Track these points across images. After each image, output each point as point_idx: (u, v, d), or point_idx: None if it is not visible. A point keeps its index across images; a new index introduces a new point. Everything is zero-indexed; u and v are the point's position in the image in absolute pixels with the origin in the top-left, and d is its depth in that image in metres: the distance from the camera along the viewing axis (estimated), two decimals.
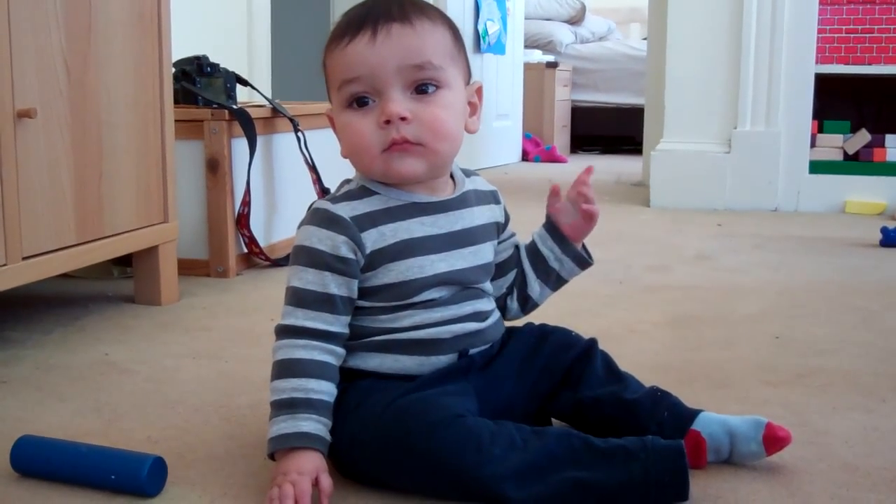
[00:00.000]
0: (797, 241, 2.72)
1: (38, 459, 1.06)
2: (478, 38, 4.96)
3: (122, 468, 1.01)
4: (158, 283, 1.87)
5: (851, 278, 2.20)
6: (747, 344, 1.62)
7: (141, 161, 1.80)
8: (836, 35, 3.42)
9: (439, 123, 1.04)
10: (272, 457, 1.01)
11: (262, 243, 2.23)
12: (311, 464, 0.98)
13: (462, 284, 1.10)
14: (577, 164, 5.44)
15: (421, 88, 1.04)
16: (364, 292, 1.06)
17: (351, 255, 1.04)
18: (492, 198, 1.17)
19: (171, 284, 1.91)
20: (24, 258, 1.50)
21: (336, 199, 1.07)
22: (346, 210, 1.05)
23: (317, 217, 1.05)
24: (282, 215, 2.37)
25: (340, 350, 1.06)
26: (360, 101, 1.04)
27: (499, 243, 1.17)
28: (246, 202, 2.16)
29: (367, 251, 1.04)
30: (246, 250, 2.21)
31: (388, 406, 1.00)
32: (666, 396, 1.11)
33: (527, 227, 1.17)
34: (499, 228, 1.16)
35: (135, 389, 1.37)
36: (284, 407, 1.01)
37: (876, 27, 3.40)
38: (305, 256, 1.04)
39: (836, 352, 1.57)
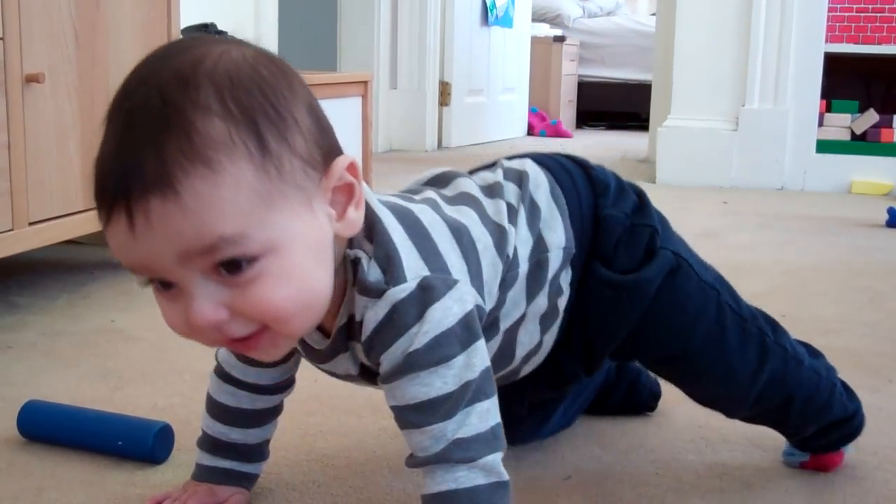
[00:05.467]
0: (803, 221, 2.72)
1: (44, 424, 1.06)
2: (485, 10, 4.93)
3: (130, 434, 1.02)
4: None
5: (858, 258, 2.20)
6: None
7: None
8: (846, 14, 3.40)
9: (271, 309, 0.69)
10: None
11: None
12: (226, 491, 0.92)
13: None
14: (582, 140, 5.43)
15: (228, 267, 0.68)
16: None
17: None
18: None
19: None
20: (31, 223, 1.50)
21: None
22: None
23: None
24: None
25: (275, 397, 0.94)
26: (161, 283, 0.71)
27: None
28: None
29: None
30: None
31: None
32: None
33: None
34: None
35: (141, 356, 1.37)
36: (208, 443, 0.94)
37: (886, 7, 3.37)
38: None
39: (842, 331, 1.57)
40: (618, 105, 6.44)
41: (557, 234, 0.90)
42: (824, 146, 3.37)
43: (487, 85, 5.01)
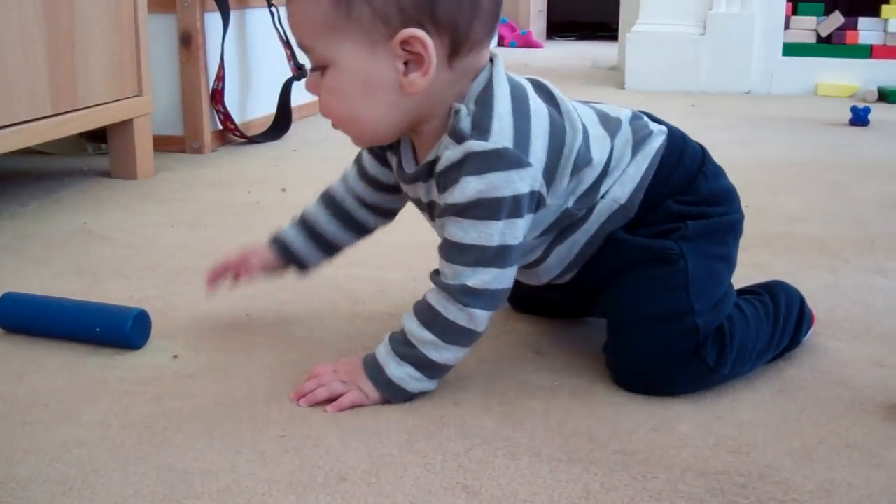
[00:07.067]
0: (770, 121, 2.74)
1: (22, 315, 1.08)
2: None
3: (107, 321, 1.03)
4: (134, 157, 1.87)
5: (822, 154, 2.23)
6: None
7: (114, 32, 1.78)
8: None
9: (328, 110, 0.91)
10: None
11: (236, 120, 2.23)
12: (258, 251, 1.09)
13: None
14: (552, 51, 5.41)
15: (319, 69, 0.89)
16: None
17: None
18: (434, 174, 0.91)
19: (147, 158, 1.91)
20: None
21: None
22: None
23: None
24: (256, 92, 2.36)
25: (370, 217, 1.06)
26: None
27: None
28: (220, 77, 2.15)
29: None
30: (221, 127, 2.21)
31: None
32: None
33: None
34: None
35: (115, 254, 1.39)
36: (296, 217, 1.09)
37: None
38: None
39: (805, 219, 1.61)
40: (588, 15, 6.41)
41: (624, 191, 0.95)
42: (790, 49, 3.39)
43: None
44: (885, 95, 3.18)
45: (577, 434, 0.85)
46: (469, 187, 0.85)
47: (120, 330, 1.02)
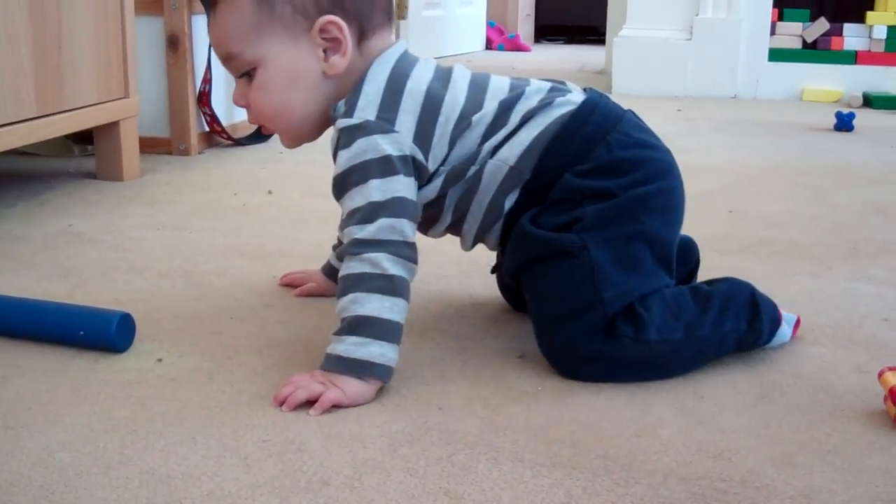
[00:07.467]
0: (755, 126, 2.76)
1: (5, 317, 1.07)
2: None
3: (91, 324, 1.03)
4: (120, 159, 1.87)
5: (806, 159, 2.25)
6: (701, 217, 1.66)
7: (100, 34, 1.78)
8: None
9: (259, 109, 1.02)
10: None
11: (223, 122, 2.23)
12: (316, 276, 1.24)
13: None
14: (540, 54, 5.42)
15: (247, 75, 1.01)
16: None
17: None
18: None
19: (133, 160, 1.91)
20: None
21: None
22: None
23: None
24: None
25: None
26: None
27: None
28: (207, 79, 2.15)
29: None
30: (207, 129, 2.20)
31: None
32: None
33: None
34: None
35: (100, 257, 1.38)
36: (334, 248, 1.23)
37: None
38: None
39: (788, 224, 1.62)
40: (576, 19, 6.42)
41: (513, 152, 0.99)
42: (776, 54, 3.40)
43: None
44: (869, 101, 3.20)
45: (560, 439, 0.86)
46: (342, 158, 0.96)
47: (104, 333, 1.02)
